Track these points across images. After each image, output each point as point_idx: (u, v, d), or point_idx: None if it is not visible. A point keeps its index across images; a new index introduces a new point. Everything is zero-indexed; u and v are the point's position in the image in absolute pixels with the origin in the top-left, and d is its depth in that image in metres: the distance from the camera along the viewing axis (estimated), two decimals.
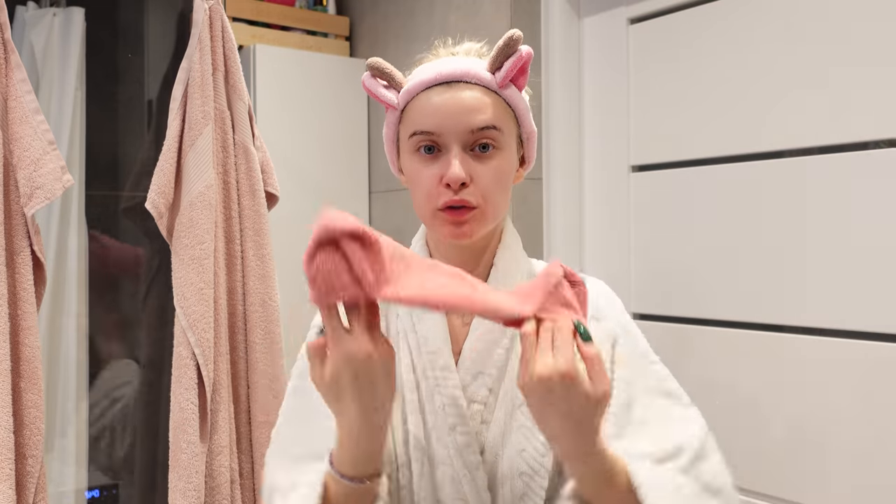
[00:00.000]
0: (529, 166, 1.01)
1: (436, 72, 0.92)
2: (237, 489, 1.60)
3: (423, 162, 0.91)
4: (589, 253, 1.80)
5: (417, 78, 0.93)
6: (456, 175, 0.88)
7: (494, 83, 0.92)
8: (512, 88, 0.93)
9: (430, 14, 2.01)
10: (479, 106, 0.90)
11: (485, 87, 0.92)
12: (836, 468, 1.35)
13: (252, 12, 2.10)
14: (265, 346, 1.64)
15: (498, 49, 0.91)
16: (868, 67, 1.31)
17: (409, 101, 0.94)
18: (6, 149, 1.41)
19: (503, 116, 0.93)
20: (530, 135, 0.98)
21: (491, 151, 0.91)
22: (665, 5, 1.63)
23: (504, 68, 0.91)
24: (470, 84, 0.92)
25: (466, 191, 0.89)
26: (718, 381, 1.53)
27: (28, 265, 1.42)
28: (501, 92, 0.93)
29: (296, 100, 2.09)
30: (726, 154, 1.53)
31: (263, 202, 1.66)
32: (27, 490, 1.39)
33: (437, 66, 0.93)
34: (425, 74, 0.93)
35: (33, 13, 1.82)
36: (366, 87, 0.96)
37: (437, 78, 0.92)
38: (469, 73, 0.92)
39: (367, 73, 0.96)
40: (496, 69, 0.92)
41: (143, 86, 2.17)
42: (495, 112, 0.91)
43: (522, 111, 0.96)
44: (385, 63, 0.95)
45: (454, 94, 0.91)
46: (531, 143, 0.99)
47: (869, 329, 1.32)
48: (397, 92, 0.95)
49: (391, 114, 0.97)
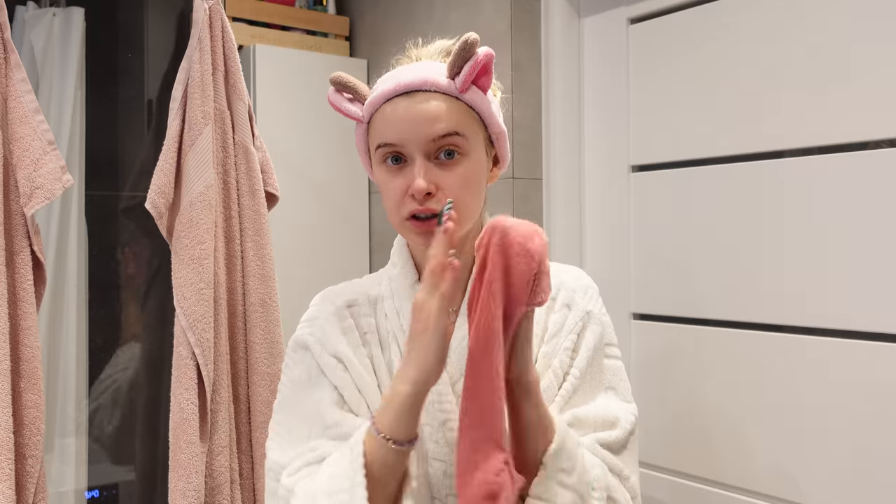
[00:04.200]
0: (504, 165, 1.01)
1: (395, 82, 0.92)
2: (237, 489, 1.60)
3: (391, 173, 0.92)
4: (589, 253, 1.80)
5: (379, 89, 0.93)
6: (419, 187, 0.88)
7: (454, 88, 0.91)
8: (474, 91, 0.93)
9: (429, 14, 2.01)
10: (438, 114, 0.90)
11: (444, 94, 0.91)
12: (836, 468, 1.35)
13: (252, 12, 2.10)
14: (265, 346, 1.64)
15: (455, 54, 0.90)
16: (868, 68, 1.31)
17: (373, 112, 0.94)
18: (6, 149, 1.41)
19: (466, 121, 0.92)
20: (499, 135, 0.97)
21: (456, 158, 0.91)
22: (665, 5, 1.63)
23: (462, 73, 0.90)
24: (429, 92, 0.91)
25: (433, 199, 0.89)
26: (718, 381, 1.53)
27: (28, 265, 1.42)
28: (462, 97, 0.92)
29: (296, 100, 2.09)
30: (726, 154, 1.53)
31: (263, 202, 1.67)
32: (27, 490, 1.39)
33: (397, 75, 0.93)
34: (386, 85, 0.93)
35: (33, 13, 1.82)
36: (331, 103, 0.97)
37: (397, 89, 0.91)
38: (427, 81, 0.91)
39: (332, 88, 0.96)
40: (455, 75, 0.91)
41: (143, 86, 2.17)
42: (456, 118, 0.91)
43: (487, 113, 0.95)
44: (347, 76, 0.96)
45: (412, 105, 0.90)
46: (501, 143, 0.98)
47: (869, 329, 1.32)
48: (362, 104, 0.95)
49: (359, 127, 0.98)
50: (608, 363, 0.99)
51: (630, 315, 1.70)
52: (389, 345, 0.98)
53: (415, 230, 0.90)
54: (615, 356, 1.00)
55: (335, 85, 0.96)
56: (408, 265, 1.00)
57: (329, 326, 0.98)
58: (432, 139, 0.89)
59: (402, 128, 0.90)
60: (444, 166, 0.90)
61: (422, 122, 0.89)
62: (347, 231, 2.20)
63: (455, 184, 0.90)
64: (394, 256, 1.03)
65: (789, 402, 1.42)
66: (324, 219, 2.15)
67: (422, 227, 0.90)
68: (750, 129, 1.48)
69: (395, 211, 0.92)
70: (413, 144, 0.90)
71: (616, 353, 1.01)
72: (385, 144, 0.91)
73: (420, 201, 0.89)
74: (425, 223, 0.90)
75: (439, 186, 0.89)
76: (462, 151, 0.91)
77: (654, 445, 1.64)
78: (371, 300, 1.01)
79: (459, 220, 0.91)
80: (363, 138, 0.98)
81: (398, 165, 0.91)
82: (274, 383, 1.63)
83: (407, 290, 0.98)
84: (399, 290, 0.98)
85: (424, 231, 0.90)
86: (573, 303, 0.99)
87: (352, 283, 1.05)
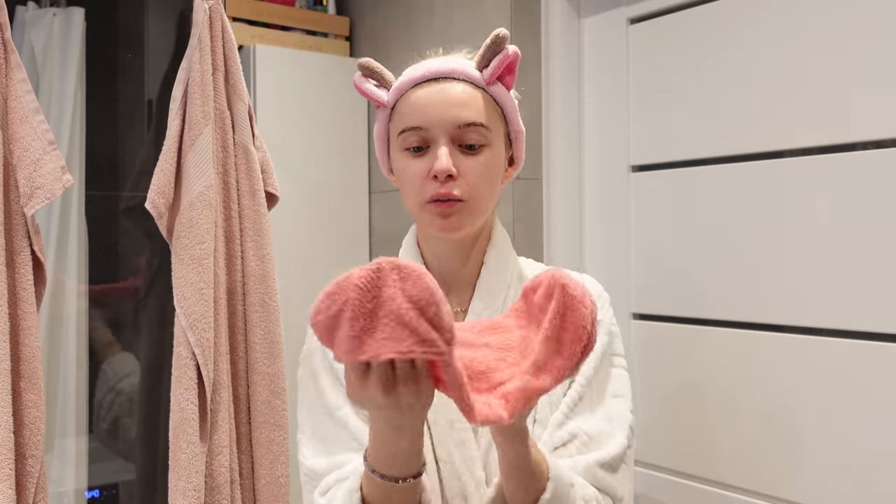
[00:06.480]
0: (519, 166, 1.02)
1: (424, 69, 0.94)
2: (237, 489, 1.60)
3: (412, 157, 0.92)
4: (589, 253, 1.80)
5: (407, 76, 0.95)
6: (443, 167, 0.89)
7: (482, 80, 0.93)
8: (499, 86, 0.94)
9: (430, 14, 2.01)
10: (467, 100, 0.91)
11: (473, 84, 0.93)
12: (836, 468, 1.35)
13: (252, 12, 2.10)
14: (265, 346, 1.64)
15: (485, 47, 0.92)
16: (869, 68, 1.31)
17: (398, 98, 0.95)
18: (6, 149, 1.41)
19: (491, 113, 0.93)
20: (518, 134, 0.99)
21: (479, 148, 0.92)
22: (665, 5, 1.63)
23: (491, 65, 0.92)
24: (458, 80, 0.93)
25: (453, 183, 0.90)
26: (718, 381, 1.53)
27: (28, 265, 1.42)
28: (489, 89, 0.94)
29: (296, 100, 2.09)
30: (726, 154, 1.53)
31: (263, 202, 1.66)
32: (27, 490, 1.39)
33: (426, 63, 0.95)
34: (414, 72, 0.94)
35: (33, 13, 1.82)
36: (357, 86, 0.98)
37: (426, 74, 0.93)
38: (457, 69, 0.93)
39: (358, 72, 0.98)
40: (483, 66, 0.93)
41: (143, 86, 2.17)
42: (483, 108, 0.92)
43: (510, 110, 0.96)
44: (375, 63, 0.97)
45: (442, 89, 0.92)
46: (519, 143, 1.00)
47: (869, 329, 1.32)
48: (387, 90, 0.96)
49: (381, 111, 0.98)
50: (615, 372, 0.98)
51: (630, 315, 1.70)
52: None
53: (435, 210, 0.91)
54: (621, 366, 1.00)
55: (362, 70, 0.97)
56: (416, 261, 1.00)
57: None
58: (458, 125, 0.90)
59: (430, 111, 0.91)
60: (467, 154, 0.91)
61: (450, 106, 0.90)
62: (347, 231, 2.20)
63: (476, 171, 0.91)
64: (402, 254, 1.03)
65: (789, 402, 1.42)
66: (324, 219, 2.15)
67: (443, 207, 0.90)
68: (750, 129, 1.48)
69: (415, 194, 0.92)
70: (438, 128, 0.90)
71: (623, 364, 1.00)
72: (410, 129, 0.92)
73: (442, 182, 0.89)
74: (446, 204, 0.90)
75: (460, 172, 0.90)
76: (486, 142, 0.92)
77: (654, 445, 1.64)
78: None
79: (470, 212, 0.91)
80: (384, 125, 0.99)
81: (420, 153, 0.92)
82: (274, 383, 1.63)
83: None
84: None
85: (444, 213, 0.90)
86: None
87: None
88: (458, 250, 0.98)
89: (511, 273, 0.99)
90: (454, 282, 0.99)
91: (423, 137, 0.91)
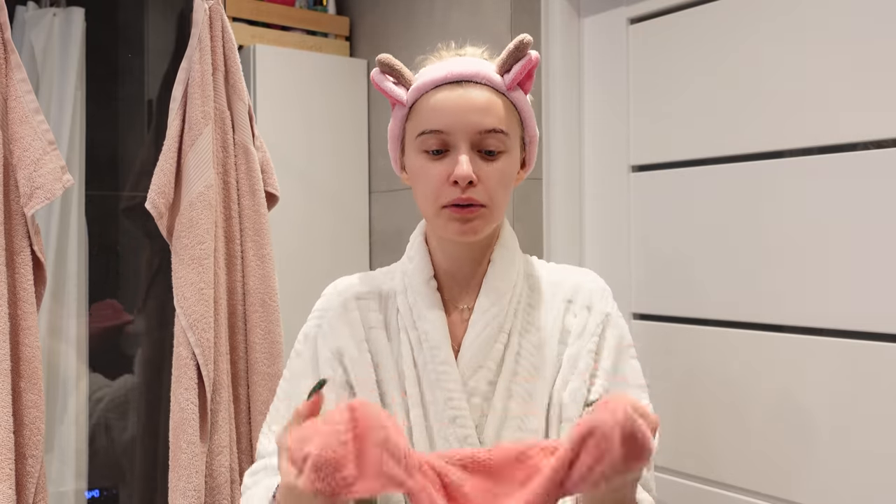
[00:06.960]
0: (529, 169, 1.02)
1: (446, 71, 0.92)
2: (237, 489, 1.60)
3: (431, 160, 0.92)
4: (589, 253, 1.80)
5: (428, 76, 0.93)
6: (465, 173, 0.88)
7: (503, 85, 0.93)
8: (519, 92, 0.95)
9: (430, 14, 2.02)
10: (489, 107, 0.91)
11: (494, 89, 0.93)
12: (836, 468, 1.35)
13: (252, 12, 2.10)
14: (265, 346, 1.64)
15: (508, 52, 0.91)
16: (869, 68, 1.31)
17: (417, 98, 0.94)
18: (6, 149, 1.41)
19: (510, 119, 0.94)
20: (532, 138, 0.99)
21: (497, 154, 0.92)
22: (665, 5, 1.63)
23: (513, 71, 0.92)
24: (480, 84, 0.92)
25: (473, 189, 0.90)
26: (718, 381, 1.53)
27: (28, 265, 1.42)
28: (509, 94, 0.94)
29: (296, 100, 2.09)
30: (726, 154, 1.53)
31: (263, 202, 1.67)
32: (27, 490, 1.39)
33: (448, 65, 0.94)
34: (436, 73, 0.93)
35: (33, 13, 1.82)
36: (374, 82, 0.97)
37: (448, 77, 0.92)
38: (479, 73, 0.92)
39: (377, 68, 0.96)
40: (505, 71, 0.92)
41: (143, 86, 2.17)
42: (503, 114, 0.92)
43: (527, 115, 0.97)
44: (395, 60, 0.96)
45: (465, 93, 0.91)
46: (533, 147, 1.00)
47: (869, 329, 1.32)
48: (406, 89, 0.95)
49: (399, 109, 0.97)
50: (634, 363, 1.00)
51: (630, 315, 1.70)
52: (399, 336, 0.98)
53: (455, 215, 0.91)
54: (635, 357, 1.01)
55: (381, 66, 0.96)
56: (424, 260, 0.99)
57: (336, 319, 0.99)
58: (479, 131, 0.90)
59: (452, 115, 0.90)
60: (486, 160, 0.91)
61: (473, 111, 0.90)
62: (347, 231, 2.20)
63: (494, 177, 0.91)
64: (410, 251, 1.02)
65: (789, 402, 1.42)
66: (324, 219, 2.15)
67: (464, 213, 0.90)
68: (750, 129, 1.48)
69: (432, 198, 0.92)
70: (460, 133, 0.90)
71: (636, 354, 1.01)
72: (430, 131, 0.91)
73: (462, 188, 0.89)
74: (465, 209, 0.90)
75: (480, 177, 0.90)
76: (504, 149, 0.92)
77: None
78: (383, 296, 1.01)
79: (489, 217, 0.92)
80: (401, 123, 0.98)
81: (439, 156, 0.92)
82: (274, 383, 1.63)
83: (421, 285, 0.98)
84: (413, 286, 0.98)
85: (464, 218, 0.90)
86: (592, 305, 0.99)
87: (366, 276, 1.05)
88: (471, 252, 0.99)
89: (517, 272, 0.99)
90: (463, 280, 0.99)
91: (443, 141, 0.91)
